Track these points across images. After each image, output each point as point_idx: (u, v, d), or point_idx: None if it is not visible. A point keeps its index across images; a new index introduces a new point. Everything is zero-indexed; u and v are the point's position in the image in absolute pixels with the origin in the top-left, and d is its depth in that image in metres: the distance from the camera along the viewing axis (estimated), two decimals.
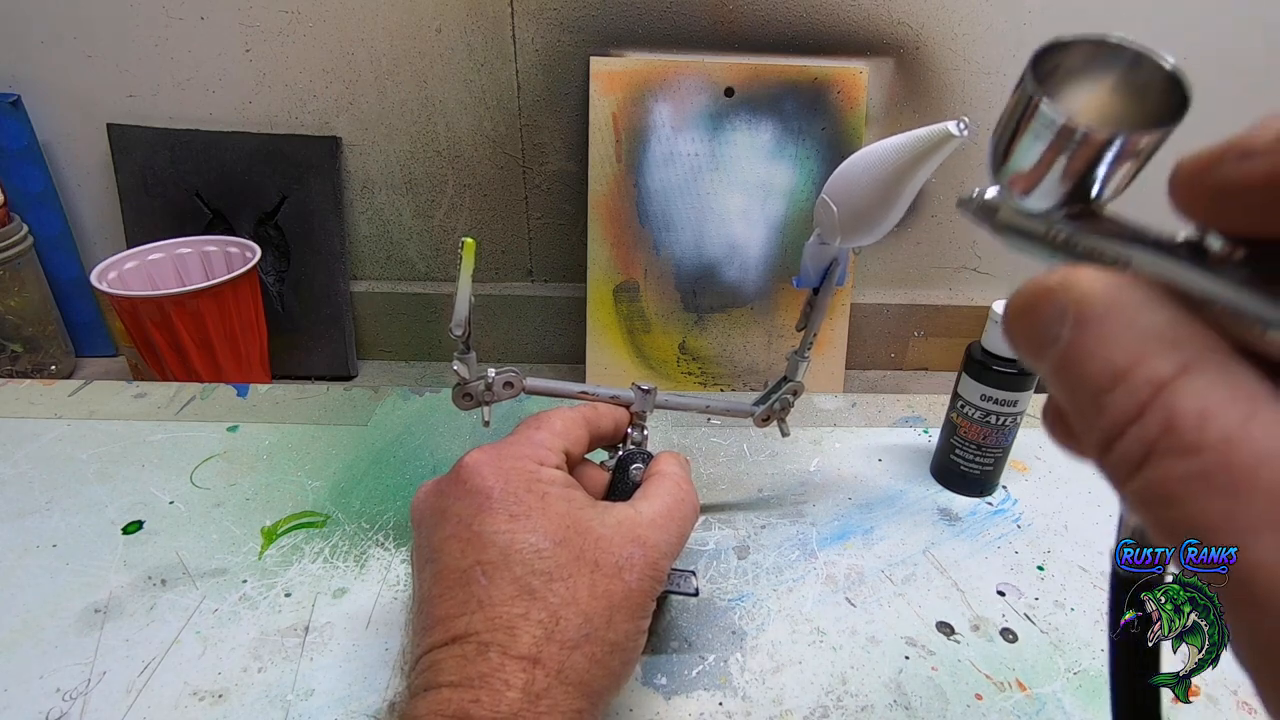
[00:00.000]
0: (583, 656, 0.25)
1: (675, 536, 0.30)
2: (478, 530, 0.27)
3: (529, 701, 0.24)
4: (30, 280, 1.32)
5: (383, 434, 0.52)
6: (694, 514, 0.32)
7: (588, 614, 0.26)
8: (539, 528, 0.27)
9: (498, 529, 0.27)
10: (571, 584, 0.26)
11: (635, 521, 0.29)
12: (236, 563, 0.41)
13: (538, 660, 0.24)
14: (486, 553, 0.26)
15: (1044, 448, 0.52)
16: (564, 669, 0.25)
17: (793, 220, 1.28)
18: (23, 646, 0.35)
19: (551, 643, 0.25)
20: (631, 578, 0.27)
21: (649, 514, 0.30)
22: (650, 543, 0.29)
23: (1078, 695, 0.35)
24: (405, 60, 1.25)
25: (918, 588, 0.40)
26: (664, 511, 0.30)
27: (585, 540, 0.27)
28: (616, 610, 0.27)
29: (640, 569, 0.28)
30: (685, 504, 0.31)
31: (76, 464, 0.48)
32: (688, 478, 0.33)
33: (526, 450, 0.30)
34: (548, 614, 0.25)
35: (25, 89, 1.27)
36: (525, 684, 0.24)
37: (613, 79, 1.23)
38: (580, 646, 0.25)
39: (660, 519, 0.30)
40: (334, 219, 1.35)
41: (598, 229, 1.28)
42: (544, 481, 0.29)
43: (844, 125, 1.26)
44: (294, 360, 1.43)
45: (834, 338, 1.35)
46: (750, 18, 1.21)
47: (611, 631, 0.26)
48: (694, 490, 0.33)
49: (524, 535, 0.27)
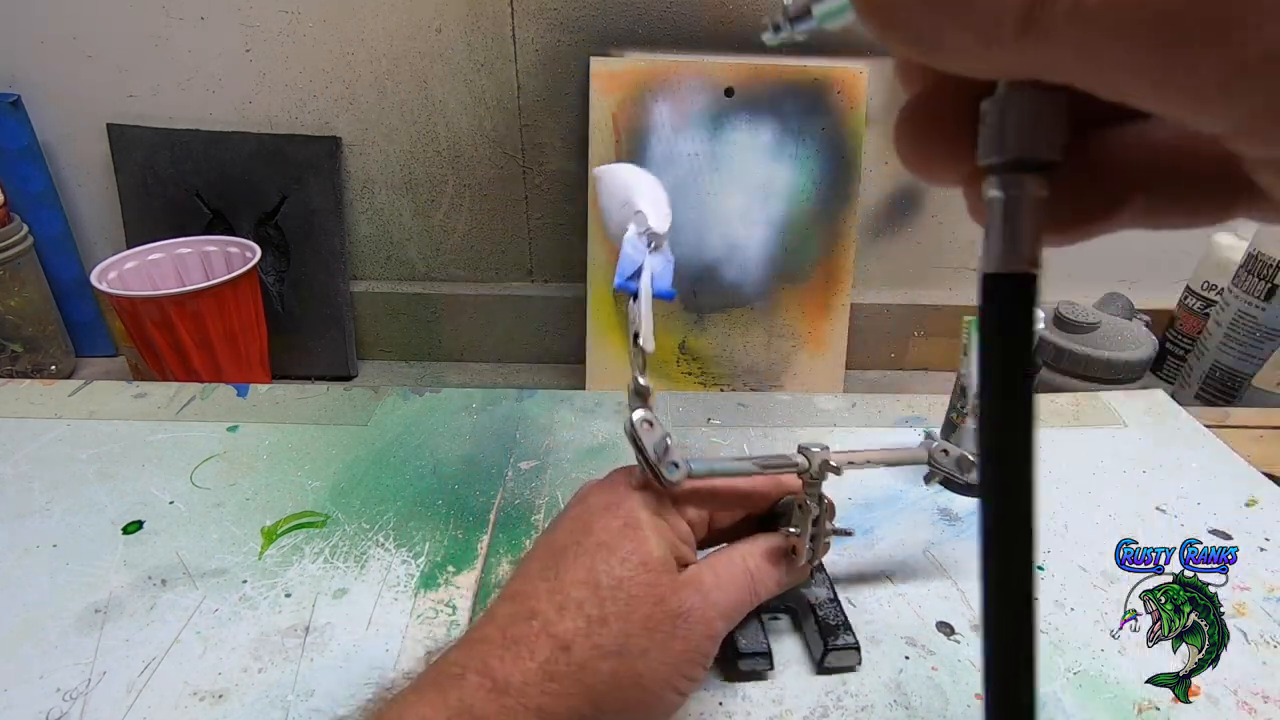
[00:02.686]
0: (607, 669, 0.26)
1: (735, 603, 0.30)
2: (593, 520, 0.29)
3: (544, 678, 0.25)
4: (30, 280, 1.32)
5: (383, 434, 0.52)
6: (758, 591, 0.32)
7: (629, 634, 0.27)
8: (641, 547, 0.28)
9: (608, 526, 0.29)
10: (631, 602, 0.27)
11: (703, 583, 0.30)
12: (236, 563, 0.41)
13: (568, 647, 0.26)
14: (587, 539, 0.29)
15: (1044, 448, 0.52)
16: (585, 668, 0.26)
17: (793, 220, 1.28)
18: (23, 646, 0.35)
19: (588, 639, 0.26)
20: (682, 624, 0.28)
21: (715, 580, 0.30)
22: (711, 600, 0.29)
23: (1078, 695, 0.35)
24: (405, 60, 1.25)
25: (918, 588, 0.40)
26: (728, 579, 0.31)
27: (663, 575, 0.28)
28: (657, 648, 0.27)
29: (694, 622, 0.28)
30: (748, 577, 0.31)
31: (76, 464, 0.48)
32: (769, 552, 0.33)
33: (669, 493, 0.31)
34: (597, 612, 0.27)
35: (25, 89, 1.27)
36: (547, 660, 0.25)
37: (613, 79, 1.23)
38: (609, 658, 0.26)
39: (725, 584, 0.30)
40: (334, 219, 1.35)
41: (598, 229, 1.28)
42: (666, 519, 0.30)
43: (844, 125, 1.26)
44: (294, 360, 1.43)
45: (834, 338, 1.35)
46: (750, 18, 1.21)
47: (643, 662, 0.27)
48: (773, 570, 0.32)
49: (626, 542, 0.28)
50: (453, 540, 0.43)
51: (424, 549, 0.42)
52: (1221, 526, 0.46)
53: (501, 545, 0.43)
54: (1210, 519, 0.46)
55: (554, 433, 0.53)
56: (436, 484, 0.48)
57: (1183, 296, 1.33)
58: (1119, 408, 0.57)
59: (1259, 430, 0.60)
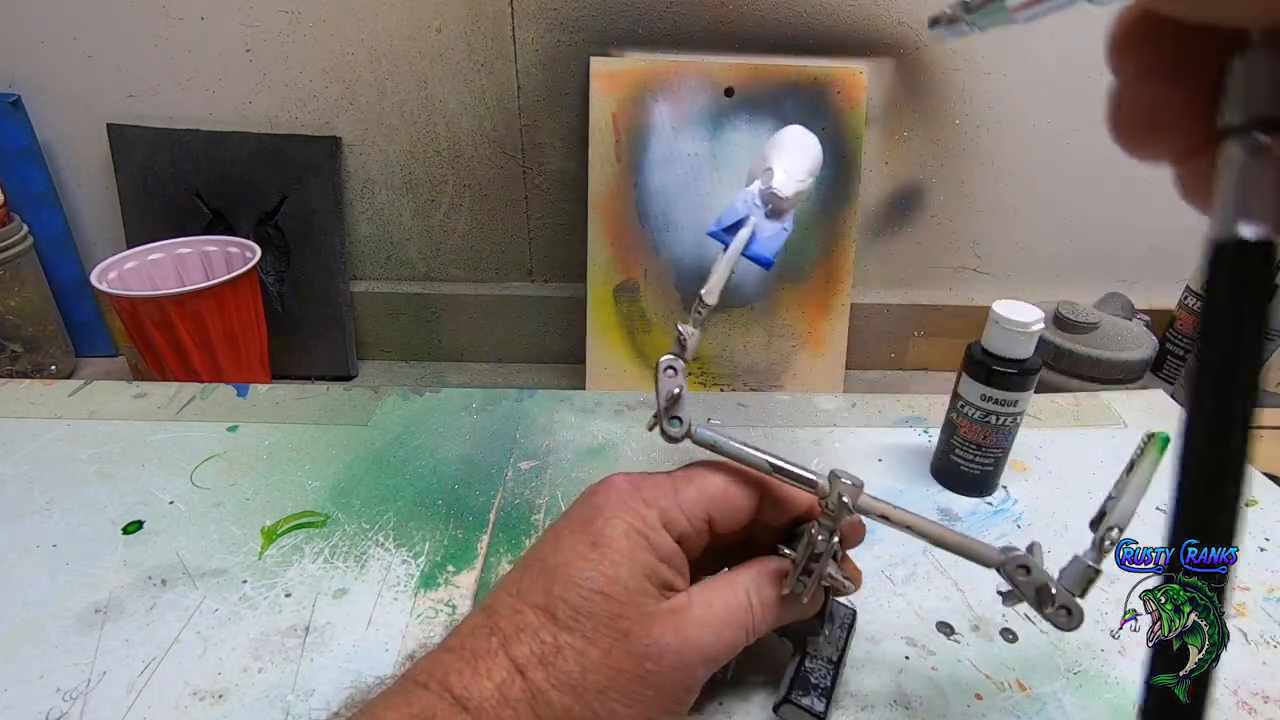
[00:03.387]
0: (560, 702, 0.24)
1: (724, 644, 0.27)
2: (563, 535, 0.27)
3: (500, 702, 0.24)
4: (30, 280, 1.32)
5: (383, 434, 0.52)
6: (756, 628, 0.28)
7: (586, 668, 0.25)
8: (603, 572, 0.26)
9: (574, 545, 0.27)
10: (590, 635, 0.25)
11: (686, 619, 0.26)
12: (236, 563, 0.41)
13: (523, 671, 0.24)
14: (554, 557, 0.27)
15: (1044, 448, 0.52)
16: (539, 698, 0.24)
17: (792, 220, 1.28)
18: (23, 646, 0.35)
19: (541, 667, 0.25)
20: (651, 666, 0.25)
21: (703, 614, 0.26)
22: (692, 642, 0.26)
23: (1078, 695, 0.35)
24: (405, 60, 1.25)
25: (918, 588, 0.40)
26: (722, 614, 0.27)
27: (630, 607, 0.25)
28: (618, 690, 0.25)
29: (667, 667, 0.25)
30: (747, 613, 0.27)
31: (76, 464, 0.48)
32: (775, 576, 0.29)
33: (662, 500, 0.28)
34: (552, 640, 0.25)
35: (25, 89, 1.27)
36: (503, 682, 0.24)
37: (613, 79, 1.23)
38: (564, 692, 0.24)
39: (714, 620, 0.26)
40: (334, 219, 1.35)
41: (598, 229, 1.28)
42: (646, 537, 0.27)
43: (844, 125, 1.26)
44: (294, 360, 1.43)
45: (834, 338, 1.35)
46: (750, 18, 1.21)
47: (600, 703, 0.24)
48: (776, 605, 0.28)
49: (586, 566, 0.26)
50: (453, 540, 0.43)
51: (424, 549, 0.42)
52: None
53: (501, 545, 0.43)
54: None
55: (554, 433, 0.53)
56: (436, 484, 0.48)
57: (1183, 296, 1.33)
58: (1119, 408, 0.57)
59: (1259, 430, 0.60)
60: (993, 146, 1.33)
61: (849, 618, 0.36)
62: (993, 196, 1.37)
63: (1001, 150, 1.33)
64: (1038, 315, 0.43)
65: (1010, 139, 1.32)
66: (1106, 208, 1.37)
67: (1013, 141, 1.32)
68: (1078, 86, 1.26)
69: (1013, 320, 0.42)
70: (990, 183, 1.36)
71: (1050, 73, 1.25)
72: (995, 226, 1.41)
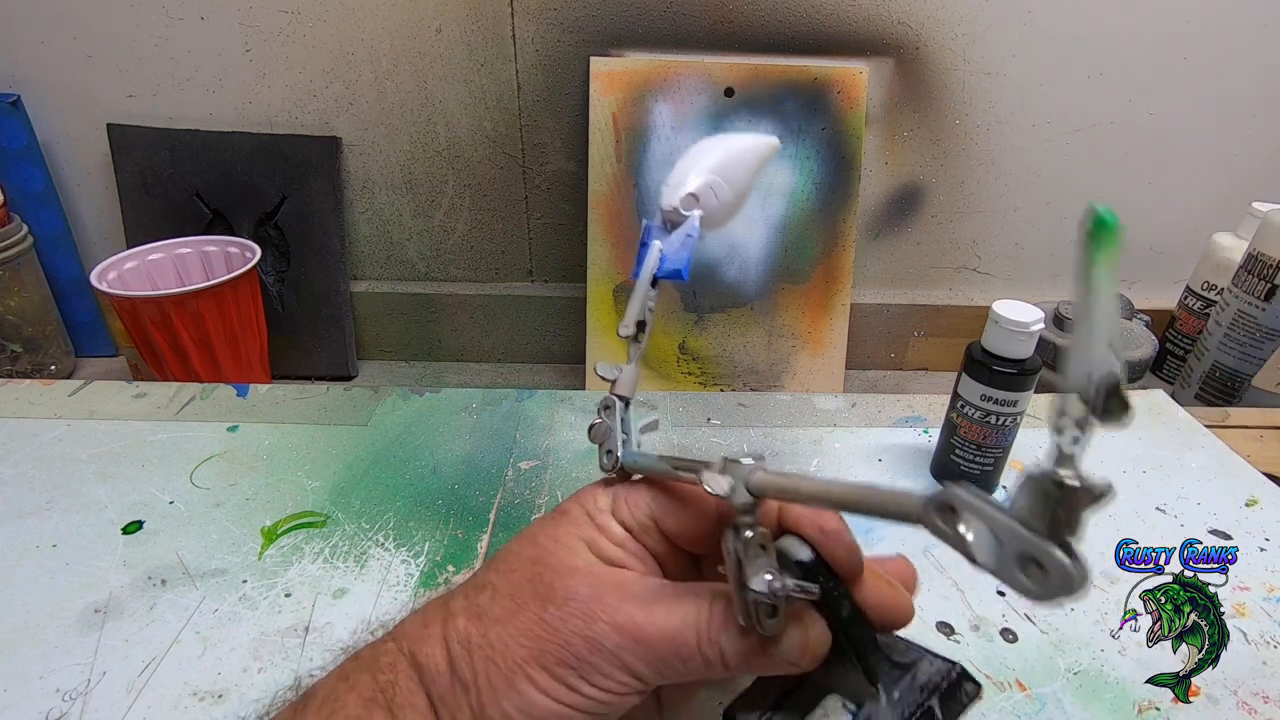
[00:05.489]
0: (463, 627, 0.25)
1: (654, 628, 0.22)
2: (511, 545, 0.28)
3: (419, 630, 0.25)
4: (30, 280, 1.32)
5: (383, 434, 0.52)
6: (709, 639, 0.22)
7: (493, 599, 0.25)
8: (544, 530, 0.27)
9: (540, 521, 0.28)
10: (507, 573, 0.26)
11: (610, 583, 0.24)
12: (236, 563, 0.41)
13: (448, 603, 0.26)
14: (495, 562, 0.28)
15: (1044, 448, 0.52)
16: (449, 622, 0.25)
17: (793, 220, 1.28)
18: (23, 646, 0.35)
19: (462, 598, 0.26)
20: (554, 611, 0.23)
21: (638, 590, 0.24)
22: (606, 601, 0.23)
23: (1078, 695, 0.34)
24: (405, 60, 1.25)
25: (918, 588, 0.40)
26: (665, 599, 0.23)
27: (554, 556, 0.25)
28: (514, 623, 0.24)
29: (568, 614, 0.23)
30: (700, 613, 0.23)
31: (76, 464, 0.48)
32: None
33: (618, 491, 0.27)
34: (479, 579, 0.26)
35: (25, 89, 1.27)
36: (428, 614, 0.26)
37: (613, 79, 1.23)
38: (469, 616, 0.25)
39: (648, 598, 0.23)
40: (334, 219, 1.35)
41: (598, 229, 1.28)
42: (593, 517, 0.27)
43: (844, 125, 1.26)
44: (294, 360, 1.43)
45: (834, 338, 1.35)
46: (750, 18, 1.21)
47: (495, 632, 0.24)
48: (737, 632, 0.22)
49: (531, 528, 0.27)
50: (453, 540, 0.43)
51: (424, 549, 0.42)
52: (1221, 526, 0.46)
53: (501, 545, 0.43)
54: (1210, 519, 0.46)
55: (554, 433, 0.53)
56: (436, 484, 0.48)
57: (1182, 296, 1.33)
58: None
59: (1259, 430, 0.60)
60: (993, 146, 1.33)
61: (941, 677, 0.23)
62: (993, 196, 1.37)
63: (1001, 150, 1.33)
64: (1038, 315, 0.43)
65: (1010, 139, 1.32)
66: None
67: (1013, 141, 1.32)
68: (1078, 86, 1.26)
69: (1013, 320, 0.42)
70: (990, 183, 1.36)
71: (1050, 73, 1.25)
72: (995, 226, 1.41)
